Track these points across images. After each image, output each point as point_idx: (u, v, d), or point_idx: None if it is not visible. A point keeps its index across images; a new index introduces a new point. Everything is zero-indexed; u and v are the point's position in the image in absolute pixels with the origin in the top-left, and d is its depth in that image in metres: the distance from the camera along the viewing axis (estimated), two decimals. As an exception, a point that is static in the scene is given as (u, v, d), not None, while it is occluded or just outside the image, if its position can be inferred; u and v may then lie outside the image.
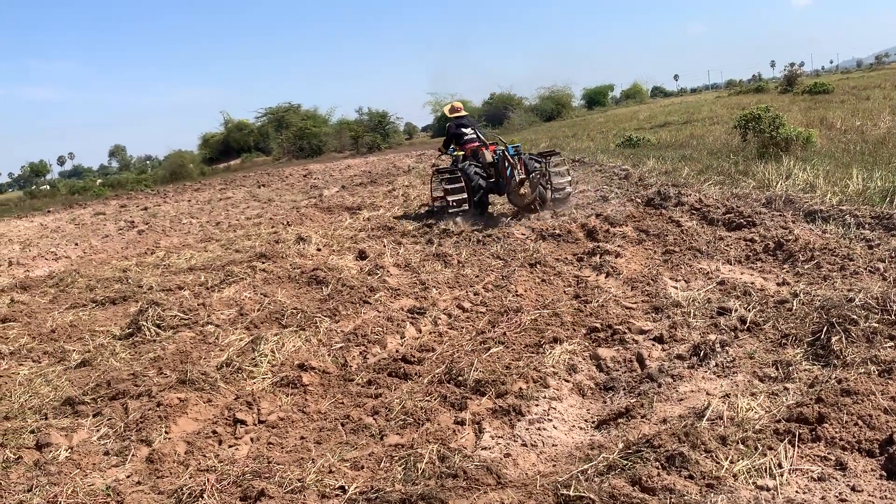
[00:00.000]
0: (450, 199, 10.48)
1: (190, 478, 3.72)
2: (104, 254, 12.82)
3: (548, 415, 4.08)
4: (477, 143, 11.62)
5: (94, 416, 4.70)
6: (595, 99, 71.87)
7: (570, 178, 11.05)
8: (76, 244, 15.07)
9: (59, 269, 11.13)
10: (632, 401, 4.13)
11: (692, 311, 5.41)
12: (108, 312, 7.75)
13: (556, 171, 10.69)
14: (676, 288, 6.12)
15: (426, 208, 12.36)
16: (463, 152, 11.56)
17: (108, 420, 4.58)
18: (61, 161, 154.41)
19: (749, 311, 5.16)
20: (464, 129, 11.94)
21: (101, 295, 8.43)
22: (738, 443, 3.27)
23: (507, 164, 10.17)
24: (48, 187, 63.56)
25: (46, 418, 4.75)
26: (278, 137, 58.29)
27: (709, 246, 7.30)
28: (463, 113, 12.42)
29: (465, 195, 10.50)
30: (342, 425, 4.28)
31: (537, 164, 10.29)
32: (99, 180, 59.18)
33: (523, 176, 9.97)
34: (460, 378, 4.62)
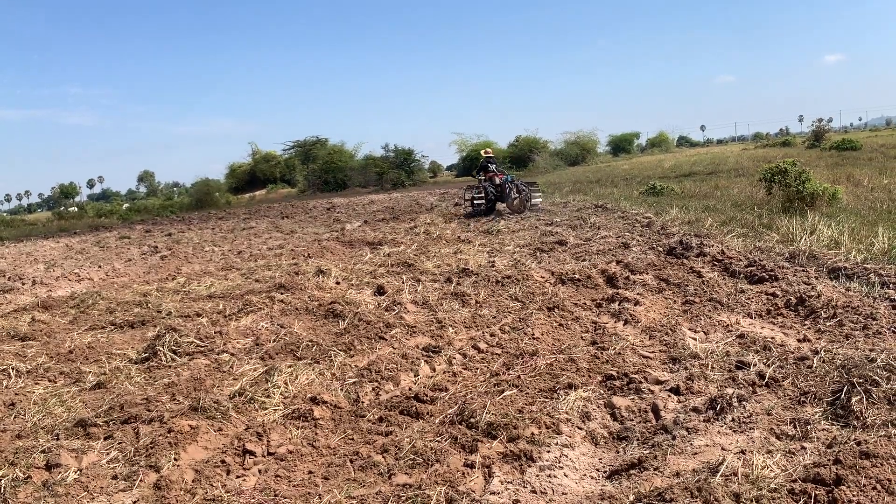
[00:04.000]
0: (475, 202, 18.62)
1: (195, 507, 3.70)
2: (126, 277, 12.97)
3: (559, 462, 4.02)
4: (492, 174, 19.37)
5: (105, 438, 4.71)
6: (620, 146, 72.24)
7: (541, 197, 19.24)
8: (99, 266, 15.25)
9: (81, 291, 11.25)
10: (645, 452, 4.07)
11: (710, 363, 5.34)
12: (126, 336, 7.81)
13: (535, 192, 18.70)
14: (695, 339, 6.05)
15: (463, 208, 20.04)
16: (485, 177, 19.31)
17: (118, 444, 4.58)
18: (90, 184, 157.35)
19: (768, 366, 5.09)
20: (489, 165, 19.86)
21: (121, 318, 8.51)
22: (752, 501, 3.20)
23: (508, 186, 18.39)
24: (76, 209, 64.55)
25: (58, 439, 4.76)
26: (304, 170, 59.02)
27: (729, 298, 7.23)
28: (491, 154, 20.71)
29: (483, 200, 18.44)
30: (351, 461, 4.25)
31: (524, 188, 18.38)
32: (126, 204, 60.10)
33: (516, 194, 18.14)
34: (472, 420, 4.57)
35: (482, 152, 20.88)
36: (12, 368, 6.50)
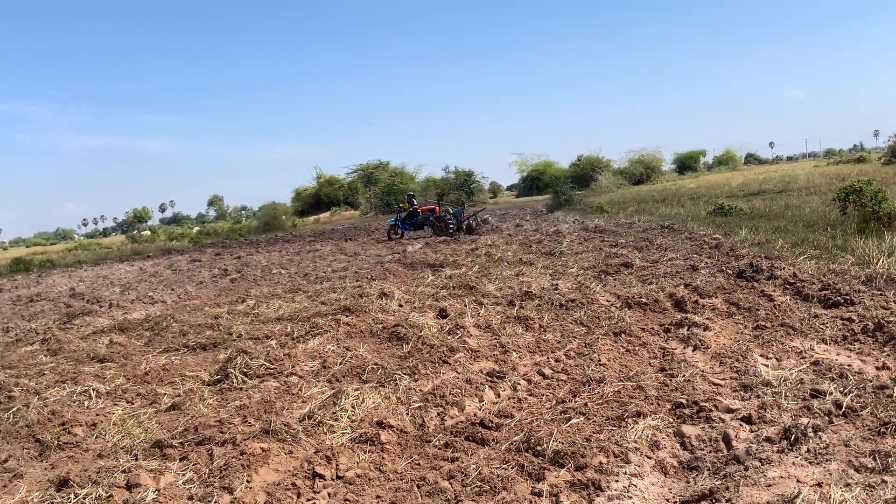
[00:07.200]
0: (450, 227, 23.50)
1: (268, 529, 3.79)
2: (198, 300, 13.38)
3: (628, 492, 3.97)
4: (427, 207, 25.57)
5: (180, 459, 4.87)
6: (686, 164, 71.10)
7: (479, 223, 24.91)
8: (172, 289, 15.79)
9: (155, 313, 11.65)
10: (717, 483, 3.98)
11: (783, 391, 5.19)
12: (198, 358, 8.05)
13: (482, 217, 26.25)
14: (767, 366, 5.89)
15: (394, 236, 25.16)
16: (410, 209, 25.53)
17: (193, 465, 4.73)
18: (162, 208, 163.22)
19: (845, 395, 4.91)
20: (415, 202, 26.22)
21: (193, 340, 8.78)
22: (831, 538, 3.10)
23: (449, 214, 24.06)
24: (148, 233, 66.94)
25: (137, 459, 4.94)
26: (367, 193, 59.97)
27: (803, 323, 7.02)
28: (413, 193, 29.01)
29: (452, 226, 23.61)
30: (418, 487, 4.28)
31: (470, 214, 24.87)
32: (196, 228, 62.04)
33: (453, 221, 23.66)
34: (539, 447, 4.56)
35: (409, 193, 28.70)
36: (93, 389, 6.79)
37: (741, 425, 4.74)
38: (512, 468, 4.34)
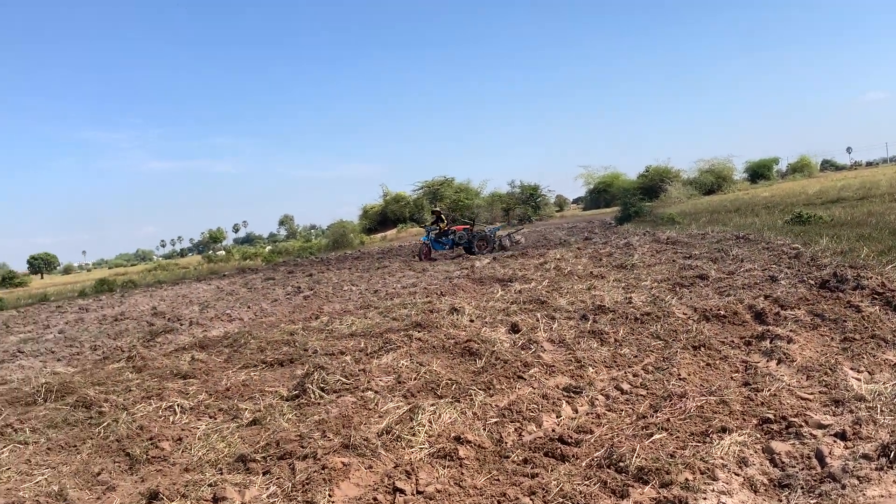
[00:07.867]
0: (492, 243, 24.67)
1: (352, 544, 3.82)
2: (273, 317, 13.66)
3: (717, 510, 3.85)
4: (461, 227, 25.12)
5: (264, 473, 4.96)
6: (759, 172, 69.04)
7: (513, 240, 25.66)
8: (248, 307, 16.18)
9: (233, 330, 11.95)
10: (812, 502, 3.82)
11: (878, 406, 4.96)
12: (276, 374, 8.22)
13: (509, 235, 26.11)
14: (859, 380, 5.64)
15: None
16: (444, 227, 25.09)
17: (276, 479, 4.81)
18: (236, 228, 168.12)
19: (948, 410, 4.66)
20: (443, 218, 25.74)
21: (271, 356, 8.97)
22: (942, 561, 2.93)
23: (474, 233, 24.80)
24: (223, 253, 68.93)
25: (222, 473, 5.06)
26: (432, 209, 60.41)
27: (895, 335, 6.70)
28: (439, 210, 27.70)
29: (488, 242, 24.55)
30: (498, 503, 4.25)
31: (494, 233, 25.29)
32: (268, 247, 63.60)
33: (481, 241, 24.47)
34: (621, 464, 4.47)
35: (435, 210, 27.99)
36: (177, 405, 7.00)
37: (835, 441, 4.54)
38: (594, 484, 4.27)
